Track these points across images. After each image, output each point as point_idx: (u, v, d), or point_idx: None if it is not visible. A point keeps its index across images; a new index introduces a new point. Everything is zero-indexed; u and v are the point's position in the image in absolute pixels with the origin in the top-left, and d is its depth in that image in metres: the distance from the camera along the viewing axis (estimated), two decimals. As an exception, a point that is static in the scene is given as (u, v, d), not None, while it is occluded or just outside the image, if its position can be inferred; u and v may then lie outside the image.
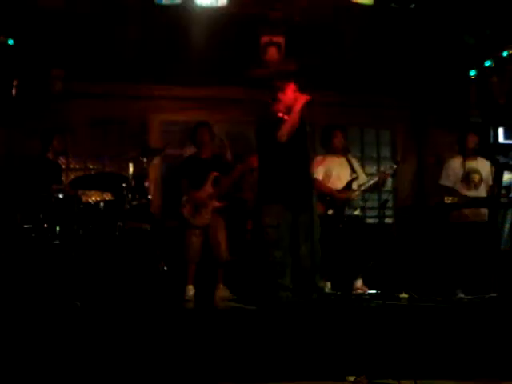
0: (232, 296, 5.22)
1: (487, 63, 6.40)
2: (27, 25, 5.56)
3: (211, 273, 5.38)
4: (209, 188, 5.28)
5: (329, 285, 5.34)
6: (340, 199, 5.43)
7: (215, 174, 5.31)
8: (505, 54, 5.92)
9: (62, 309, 3.96)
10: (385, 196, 6.38)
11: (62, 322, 3.54)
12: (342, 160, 5.68)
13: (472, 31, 6.16)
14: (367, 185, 5.60)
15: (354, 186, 5.56)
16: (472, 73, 6.61)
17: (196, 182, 5.30)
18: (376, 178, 5.66)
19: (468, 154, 5.69)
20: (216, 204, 5.28)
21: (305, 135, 4.34)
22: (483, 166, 5.67)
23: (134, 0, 5.63)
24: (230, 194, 5.45)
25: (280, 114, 4.45)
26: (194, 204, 5.26)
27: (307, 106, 4.35)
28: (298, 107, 4.35)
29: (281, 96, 4.52)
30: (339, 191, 5.48)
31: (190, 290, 5.22)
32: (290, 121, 4.37)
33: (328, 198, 5.40)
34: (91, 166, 6.89)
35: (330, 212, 5.37)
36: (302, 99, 4.37)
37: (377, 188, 5.85)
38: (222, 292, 5.28)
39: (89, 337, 3.39)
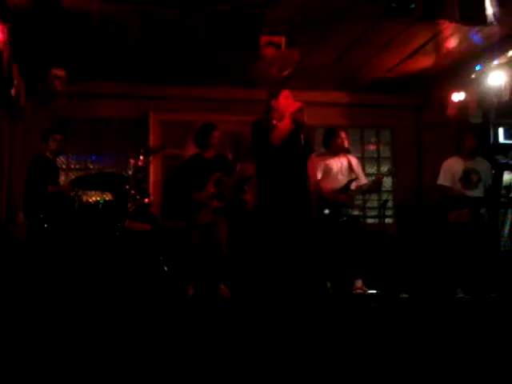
0: (232, 295, 5.22)
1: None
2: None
3: (212, 272, 5.37)
4: (210, 188, 5.29)
5: (329, 285, 5.33)
6: (339, 201, 5.45)
7: (218, 174, 5.31)
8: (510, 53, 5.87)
9: (61, 309, 3.96)
10: (385, 196, 6.40)
11: (62, 322, 3.54)
12: (343, 160, 5.68)
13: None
14: (366, 186, 5.61)
15: (353, 186, 5.56)
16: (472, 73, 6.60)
17: (198, 182, 5.31)
18: (373, 179, 5.68)
19: (466, 154, 5.69)
20: (216, 204, 5.29)
21: (298, 140, 4.49)
22: (482, 166, 5.67)
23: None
24: (230, 194, 5.45)
25: (274, 121, 4.64)
26: (195, 203, 5.27)
27: (300, 112, 4.53)
28: (288, 114, 4.53)
29: (274, 103, 4.73)
30: (338, 191, 5.49)
31: (190, 290, 5.22)
32: (281, 126, 4.55)
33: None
34: (91, 166, 6.90)
35: (327, 211, 5.38)
36: (293, 106, 4.57)
37: (375, 190, 5.88)
38: (223, 291, 5.27)
39: (88, 336, 3.40)
